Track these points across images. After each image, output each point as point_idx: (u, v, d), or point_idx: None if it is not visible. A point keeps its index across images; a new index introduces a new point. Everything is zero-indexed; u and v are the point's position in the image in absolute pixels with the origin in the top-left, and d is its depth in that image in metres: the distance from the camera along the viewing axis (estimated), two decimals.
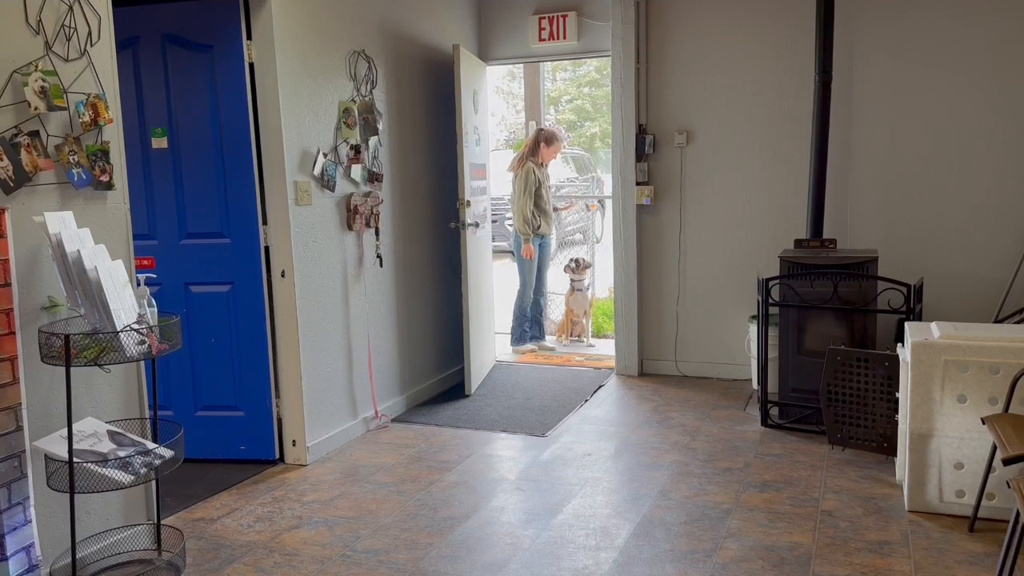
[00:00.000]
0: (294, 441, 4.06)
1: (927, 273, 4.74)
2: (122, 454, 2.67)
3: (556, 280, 7.16)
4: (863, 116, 4.89)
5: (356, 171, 4.37)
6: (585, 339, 6.52)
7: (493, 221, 6.67)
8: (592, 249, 8.41)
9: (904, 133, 4.82)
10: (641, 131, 5.34)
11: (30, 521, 2.72)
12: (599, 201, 11.17)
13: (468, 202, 5.09)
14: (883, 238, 4.87)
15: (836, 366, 3.93)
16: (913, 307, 4.04)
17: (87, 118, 2.91)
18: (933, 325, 3.45)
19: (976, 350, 3.22)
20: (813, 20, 4.67)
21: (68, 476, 2.56)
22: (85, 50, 2.93)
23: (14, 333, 2.66)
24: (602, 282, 7.79)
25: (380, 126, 4.57)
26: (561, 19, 5.62)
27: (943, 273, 4.77)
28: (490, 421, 4.69)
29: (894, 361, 3.72)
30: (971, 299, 4.72)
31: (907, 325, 3.57)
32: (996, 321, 4.49)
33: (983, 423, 3.04)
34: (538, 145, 6.06)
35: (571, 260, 6.65)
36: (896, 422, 3.72)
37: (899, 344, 3.71)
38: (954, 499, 3.31)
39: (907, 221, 4.86)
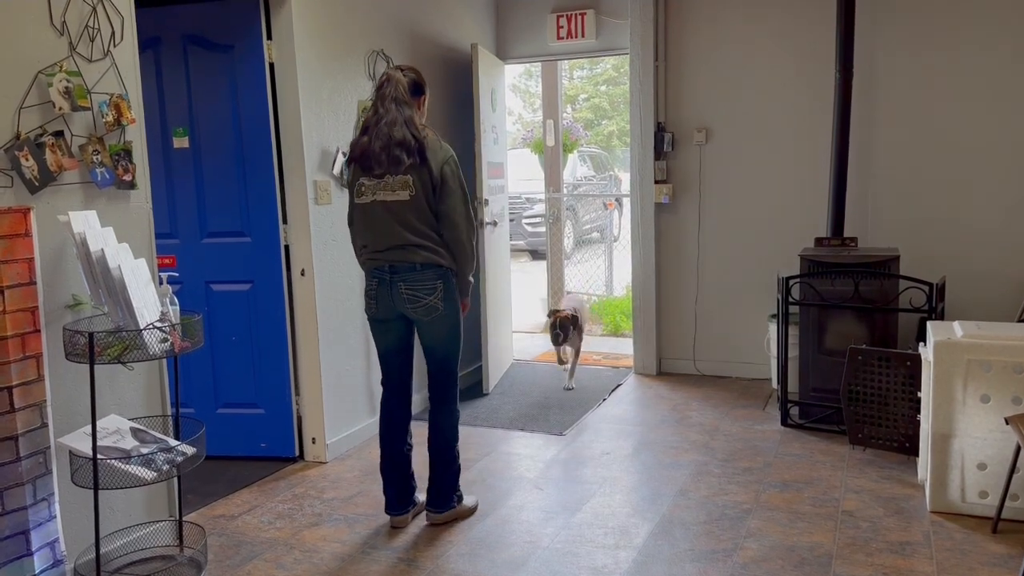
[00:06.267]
0: (314, 438, 4.09)
1: (949, 272, 4.68)
2: (145, 451, 2.70)
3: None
4: (885, 113, 4.84)
5: None
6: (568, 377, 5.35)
7: (510, 219, 6.66)
8: (610, 247, 8.41)
9: (926, 130, 4.77)
10: (660, 129, 5.32)
11: (55, 517, 2.76)
12: (617, 199, 11.15)
13: (486, 200, 5.09)
14: (905, 236, 4.82)
15: (857, 365, 3.90)
16: (935, 306, 4.00)
17: (110, 118, 2.93)
18: (956, 324, 3.41)
19: (1000, 349, 3.19)
20: (834, 15, 4.63)
21: (92, 472, 2.59)
22: (108, 51, 2.96)
23: (39, 331, 2.69)
24: (620, 281, 7.77)
25: None
26: (579, 17, 5.60)
27: (966, 272, 4.72)
28: (508, 419, 4.69)
29: (916, 360, 3.69)
30: (994, 298, 4.67)
31: (929, 324, 3.54)
32: (1020, 320, 4.44)
33: (1007, 423, 3.01)
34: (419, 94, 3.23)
35: (555, 330, 5.15)
36: (918, 422, 3.68)
37: (921, 343, 3.68)
38: (977, 500, 3.27)
39: (929, 219, 4.81)
